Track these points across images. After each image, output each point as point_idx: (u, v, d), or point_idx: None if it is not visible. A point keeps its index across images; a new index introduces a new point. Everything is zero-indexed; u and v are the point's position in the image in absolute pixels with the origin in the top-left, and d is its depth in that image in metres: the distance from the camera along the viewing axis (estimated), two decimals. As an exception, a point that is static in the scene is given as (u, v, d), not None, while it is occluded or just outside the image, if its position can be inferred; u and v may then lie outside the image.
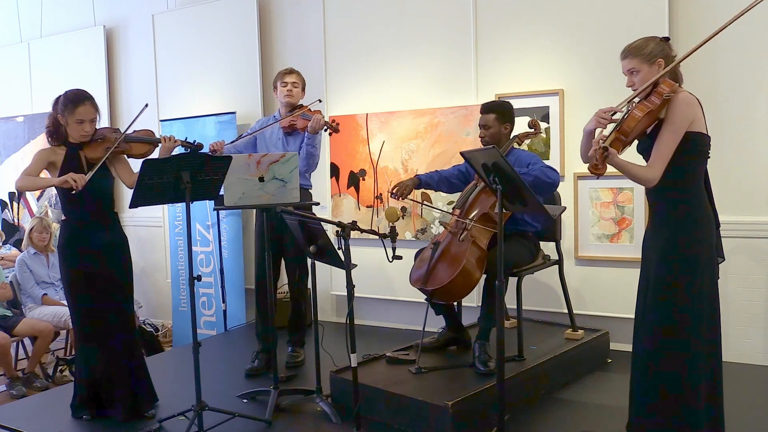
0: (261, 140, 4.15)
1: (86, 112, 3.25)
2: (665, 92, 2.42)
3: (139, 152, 3.42)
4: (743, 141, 3.87)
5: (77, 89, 3.32)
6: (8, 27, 7.06)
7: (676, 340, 2.49)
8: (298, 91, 4.10)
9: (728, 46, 3.86)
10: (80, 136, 3.27)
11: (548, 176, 3.41)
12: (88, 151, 3.30)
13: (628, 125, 2.44)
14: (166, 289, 6.03)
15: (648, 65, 2.50)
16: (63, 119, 3.26)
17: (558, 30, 4.28)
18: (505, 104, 3.72)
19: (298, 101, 4.12)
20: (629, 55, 2.54)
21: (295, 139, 4.06)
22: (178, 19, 5.82)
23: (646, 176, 2.46)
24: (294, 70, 4.13)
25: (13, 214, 6.92)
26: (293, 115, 4.01)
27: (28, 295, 4.97)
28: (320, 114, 3.95)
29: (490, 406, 2.93)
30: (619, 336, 4.01)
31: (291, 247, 3.94)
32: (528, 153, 3.75)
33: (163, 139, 3.42)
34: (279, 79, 4.11)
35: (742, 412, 3.06)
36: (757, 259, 3.88)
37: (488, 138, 3.65)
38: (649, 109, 2.43)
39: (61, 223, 3.39)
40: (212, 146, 3.88)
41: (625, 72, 2.57)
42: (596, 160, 2.38)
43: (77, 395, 3.41)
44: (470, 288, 3.40)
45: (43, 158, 3.27)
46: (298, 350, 4.16)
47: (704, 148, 2.51)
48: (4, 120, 6.98)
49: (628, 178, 2.52)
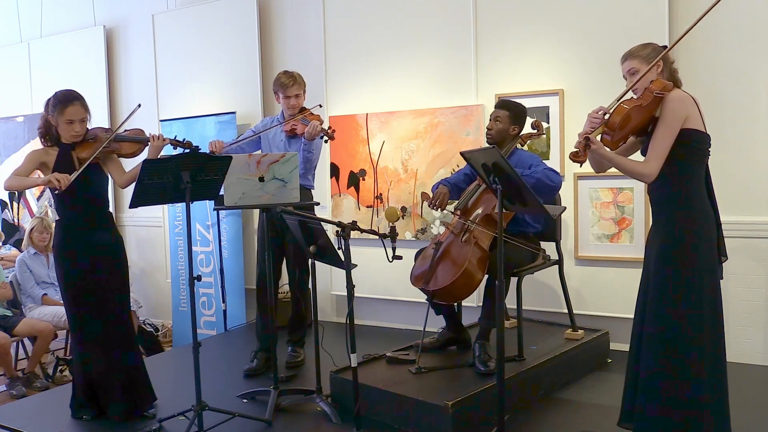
0: (265, 141, 4.16)
1: (75, 112, 3.24)
2: (656, 89, 2.47)
3: (129, 151, 3.43)
4: (743, 141, 3.87)
5: (67, 90, 3.31)
6: (8, 27, 7.06)
7: (676, 339, 2.49)
8: (301, 100, 4.06)
9: (728, 46, 3.87)
10: (71, 137, 3.27)
11: (551, 179, 3.42)
12: (80, 151, 3.30)
13: (614, 119, 2.49)
14: (166, 289, 6.03)
15: (647, 66, 2.55)
16: (53, 120, 3.26)
17: (558, 30, 4.28)
18: (521, 106, 3.73)
19: (301, 106, 4.11)
20: (629, 57, 2.62)
21: (297, 142, 4.06)
22: (178, 19, 5.82)
23: (641, 170, 2.50)
24: (296, 80, 4.01)
25: (13, 214, 6.92)
26: (295, 119, 4.01)
27: (28, 295, 4.97)
28: (318, 120, 3.93)
29: (490, 406, 2.93)
30: (619, 336, 4.01)
31: (292, 247, 3.94)
32: (530, 154, 3.75)
33: (152, 137, 3.42)
34: (281, 91, 4.02)
35: (743, 412, 3.05)
36: (757, 259, 3.88)
37: (494, 132, 3.65)
38: (636, 105, 2.48)
39: (56, 223, 3.40)
40: (211, 146, 3.88)
41: (625, 74, 2.63)
42: (577, 147, 2.47)
43: (76, 395, 3.42)
44: (472, 289, 3.40)
45: (34, 159, 3.28)
46: (298, 350, 4.16)
47: (702, 145, 2.53)
48: (4, 120, 6.98)
49: (622, 172, 2.57)
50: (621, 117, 2.48)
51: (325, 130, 3.87)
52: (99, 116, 6.01)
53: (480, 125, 4.46)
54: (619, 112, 2.49)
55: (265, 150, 4.15)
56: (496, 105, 3.78)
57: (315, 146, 4.02)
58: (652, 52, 2.58)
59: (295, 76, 4.04)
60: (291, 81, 4.01)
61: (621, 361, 3.74)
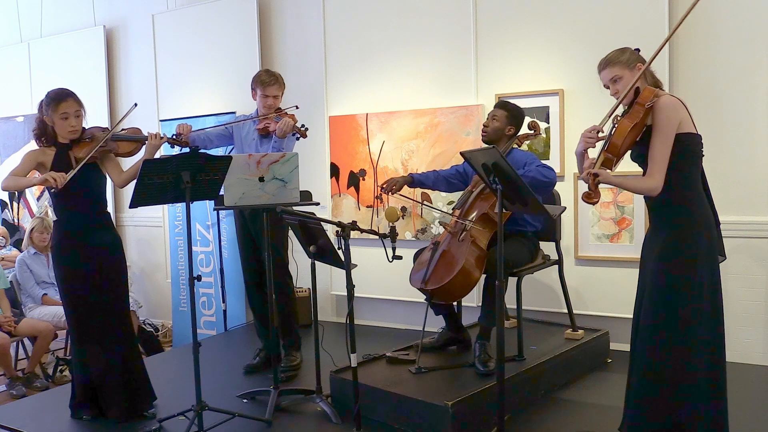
0: (237, 137, 4.09)
1: (69, 106, 3.24)
2: (647, 101, 2.45)
3: (126, 150, 3.43)
4: (743, 141, 3.87)
5: (59, 88, 3.31)
6: (8, 27, 7.06)
7: (674, 342, 2.48)
8: (278, 101, 4.01)
9: (729, 46, 3.87)
10: (68, 133, 3.26)
11: (545, 176, 3.42)
12: (77, 150, 3.29)
13: (617, 140, 2.45)
14: (166, 289, 6.03)
15: (629, 70, 2.55)
16: (49, 119, 3.26)
17: (558, 30, 4.28)
18: (520, 109, 3.75)
19: (277, 107, 4.03)
20: (608, 65, 2.59)
21: (268, 142, 3.95)
22: (178, 19, 5.82)
23: (648, 186, 2.47)
24: (277, 80, 3.96)
25: (13, 214, 6.92)
26: (268, 117, 3.94)
27: (28, 295, 4.96)
28: (291, 118, 3.85)
29: (490, 406, 2.93)
30: (619, 336, 4.01)
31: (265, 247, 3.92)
32: (524, 153, 3.75)
33: (150, 136, 3.43)
34: (260, 88, 3.94)
35: (743, 412, 3.05)
36: (757, 259, 3.88)
37: (490, 130, 3.67)
38: (635, 122, 2.44)
39: (54, 223, 3.40)
40: (179, 128, 3.79)
41: (607, 83, 2.61)
42: (589, 188, 2.41)
43: (75, 395, 3.42)
44: (469, 288, 3.40)
45: (32, 159, 3.27)
46: (294, 354, 4.05)
47: (696, 147, 2.52)
48: (4, 120, 6.98)
49: (630, 191, 2.52)
50: (623, 138, 2.44)
51: (297, 127, 3.81)
52: (99, 116, 6.02)
53: (480, 125, 4.45)
54: (621, 133, 2.44)
55: (237, 147, 4.10)
56: (495, 105, 3.82)
57: (286, 144, 3.90)
58: (631, 56, 2.56)
59: (276, 76, 3.99)
60: (272, 80, 3.95)
61: (621, 361, 3.75)
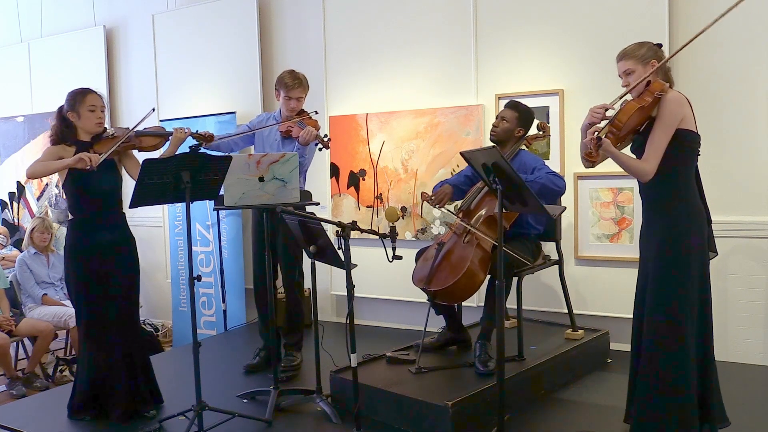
0: (259, 139, 4.12)
1: (95, 99, 3.31)
2: (656, 90, 2.57)
3: (150, 144, 3.46)
4: (743, 140, 3.86)
5: (80, 87, 3.35)
6: (8, 27, 7.06)
7: (672, 333, 2.57)
8: (302, 103, 4.00)
9: (729, 46, 3.86)
10: (95, 125, 3.29)
11: (555, 184, 3.42)
12: (99, 148, 3.30)
13: (621, 118, 2.59)
14: (166, 289, 6.03)
15: (642, 66, 2.64)
16: (74, 114, 3.28)
17: (558, 30, 4.28)
18: (530, 110, 3.73)
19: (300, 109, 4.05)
20: (624, 57, 2.70)
21: (291, 143, 3.99)
22: (178, 19, 5.82)
23: (643, 168, 2.59)
24: (301, 83, 3.94)
25: (13, 214, 6.92)
26: (292, 120, 3.94)
27: (28, 295, 4.96)
28: (315, 126, 3.87)
29: (490, 406, 2.93)
30: (619, 336, 4.01)
31: (284, 248, 3.93)
32: (533, 157, 3.73)
33: (175, 129, 3.45)
34: (284, 91, 3.93)
35: (743, 412, 3.05)
36: (757, 259, 3.88)
37: (500, 130, 3.65)
38: (642, 105, 2.57)
39: (68, 222, 3.39)
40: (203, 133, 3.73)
41: (621, 74, 2.71)
42: (590, 147, 2.55)
43: (77, 395, 3.41)
44: (473, 290, 3.40)
45: (53, 153, 3.26)
46: (295, 354, 4.06)
47: (694, 145, 2.64)
48: (4, 120, 6.98)
49: (623, 169, 2.65)
50: (628, 116, 2.57)
51: (320, 137, 3.83)
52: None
53: (480, 125, 4.46)
54: (626, 112, 2.57)
55: (258, 147, 4.12)
56: (506, 105, 3.78)
57: (308, 151, 3.96)
58: (647, 52, 2.65)
59: (300, 78, 3.96)
60: (296, 83, 3.92)
61: (621, 361, 3.75)
